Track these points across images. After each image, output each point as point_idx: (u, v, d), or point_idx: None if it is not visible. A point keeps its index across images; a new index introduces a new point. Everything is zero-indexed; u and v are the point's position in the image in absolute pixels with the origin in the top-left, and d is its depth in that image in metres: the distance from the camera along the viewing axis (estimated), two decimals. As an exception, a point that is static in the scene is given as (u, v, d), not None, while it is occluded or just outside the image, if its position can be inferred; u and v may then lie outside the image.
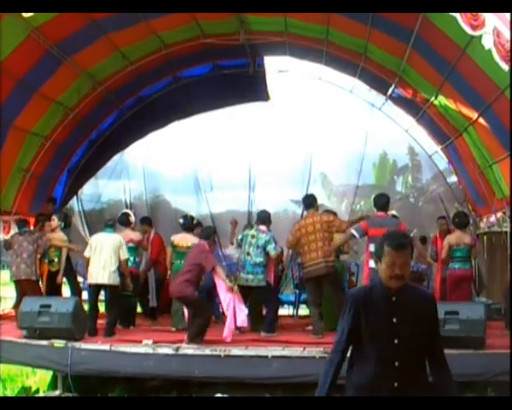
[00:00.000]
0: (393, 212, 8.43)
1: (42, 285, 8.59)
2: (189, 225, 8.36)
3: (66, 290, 9.37)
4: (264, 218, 7.75)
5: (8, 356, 6.67)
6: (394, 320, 2.86)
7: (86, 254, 7.55)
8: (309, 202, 7.76)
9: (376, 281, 2.98)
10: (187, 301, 6.95)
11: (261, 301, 7.71)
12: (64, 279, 8.91)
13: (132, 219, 8.63)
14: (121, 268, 7.49)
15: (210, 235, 7.19)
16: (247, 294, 7.33)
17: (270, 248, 7.44)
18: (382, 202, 7.11)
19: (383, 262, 2.88)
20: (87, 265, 7.55)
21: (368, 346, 2.88)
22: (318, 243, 7.21)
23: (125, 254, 7.52)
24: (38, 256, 8.41)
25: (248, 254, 7.44)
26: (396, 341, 2.84)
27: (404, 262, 2.85)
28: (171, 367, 6.33)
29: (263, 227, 7.65)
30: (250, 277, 7.36)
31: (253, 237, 7.54)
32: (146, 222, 9.38)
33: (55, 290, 8.50)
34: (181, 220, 8.37)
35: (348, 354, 2.96)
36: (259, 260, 7.40)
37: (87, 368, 6.41)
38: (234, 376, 6.16)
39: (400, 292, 2.88)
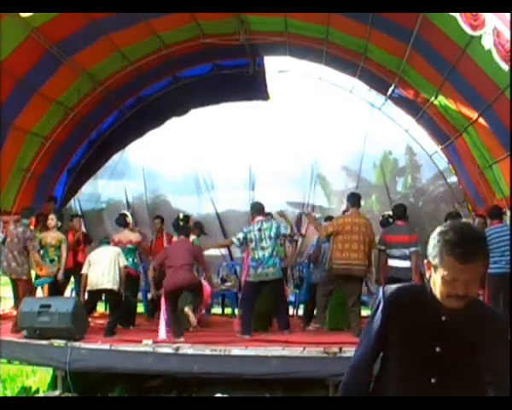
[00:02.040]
0: (390, 213, 8.44)
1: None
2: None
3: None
4: (259, 208, 7.65)
5: (7, 355, 6.67)
6: (437, 350, 2.00)
7: (84, 271, 7.51)
8: (355, 200, 7.61)
9: (428, 286, 2.04)
10: (194, 288, 7.35)
11: (275, 296, 7.48)
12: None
13: (130, 219, 8.60)
14: (121, 275, 7.48)
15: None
16: (261, 289, 7.35)
17: (284, 228, 7.54)
18: (399, 211, 7.72)
19: (438, 274, 1.93)
20: (85, 281, 7.45)
21: (392, 369, 2.07)
22: (360, 246, 7.19)
23: (123, 262, 7.55)
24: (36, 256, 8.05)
25: (263, 248, 7.31)
26: (433, 380, 2.00)
27: (472, 278, 1.91)
28: (170, 365, 6.34)
29: (261, 217, 7.52)
30: (271, 270, 7.26)
31: (259, 230, 7.37)
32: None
33: (56, 290, 8.47)
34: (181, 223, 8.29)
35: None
36: (275, 250, 7.37)
37: (86, 365, 6.39)
38: (233, 372, 6.16)
39: (456, 310, 1.97)
